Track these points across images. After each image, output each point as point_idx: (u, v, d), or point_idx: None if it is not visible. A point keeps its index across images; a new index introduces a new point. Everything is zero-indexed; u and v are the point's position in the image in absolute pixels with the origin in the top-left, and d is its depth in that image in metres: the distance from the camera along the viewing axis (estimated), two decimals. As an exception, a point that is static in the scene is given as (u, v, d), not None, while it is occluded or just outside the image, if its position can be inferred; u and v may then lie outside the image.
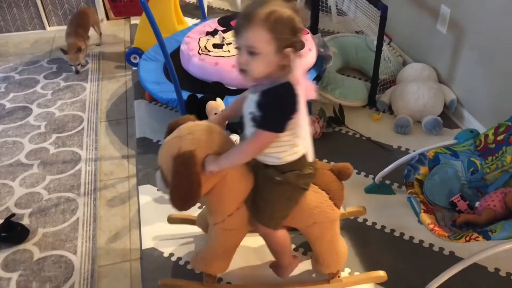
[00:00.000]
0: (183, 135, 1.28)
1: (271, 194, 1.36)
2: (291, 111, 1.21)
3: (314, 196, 1.42)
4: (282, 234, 1.48)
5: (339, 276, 1.60)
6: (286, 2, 1.18)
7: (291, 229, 1.51)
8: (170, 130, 1.36)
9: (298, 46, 1.18)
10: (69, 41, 3.09)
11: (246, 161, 1.32)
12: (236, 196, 1.38)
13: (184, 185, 1.23)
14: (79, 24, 3.19)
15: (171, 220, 1.85)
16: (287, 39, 1.15)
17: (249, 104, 1.27)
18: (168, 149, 1.28)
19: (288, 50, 1.16)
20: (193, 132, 1.28)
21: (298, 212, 1.42)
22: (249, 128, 1.30)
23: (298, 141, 1.29)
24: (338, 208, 1.47)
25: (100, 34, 3.47)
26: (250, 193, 1.39)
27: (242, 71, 1.19)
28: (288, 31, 1.14)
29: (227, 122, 1.65)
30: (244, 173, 1.37)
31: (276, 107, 1.20)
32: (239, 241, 1.52)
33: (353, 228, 1.85)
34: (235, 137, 2.02)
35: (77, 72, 3.07)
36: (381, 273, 1.61)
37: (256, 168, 1.37)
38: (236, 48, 1.19)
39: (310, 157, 1.32)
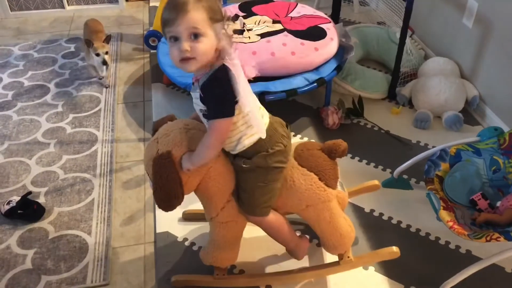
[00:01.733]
0: (159, 137, 1.31)
1: (246, 182, 1.36)
2: (233, 93, 1.20)
3: (303, 179, 1.41)
4: (273, 220, 1.47)
5: (349, 257, 1.58)
6: None
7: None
8: (155, 131, 1.39)
9: (227, 28, 1.19)
10: (93, 35, 2.74)
11: (215, 153, 1.29)
12: (223, 190, 1.38)
13: (165, 186, 1.25)
14: (97, 30, 2.81)
15: (186, 216, 1.86)
16: (220, 19, 1.17)
17: (196, 102, 1.27)
18: (148, 152, 1.33)
19: (223, 31, 1.18)
20: (168, 133, 1.30)
21: (288, 197, 1.42)
22: (206, 124, 1.30)
23: (251, 121, 1.28)
24: (333, 187, 1.45)
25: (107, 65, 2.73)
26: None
27: (185, 59, 1.16)
28: (218, 12, 1.17)
29: None
30: (228, 165, 1.37)
31: (219, 94, 1.20)
32: (240, 232, 1.52)
33: (369, 222, 1.83)
34: None
35: (104, 63, 2.63)
36: (394, 249, 1.59)
37: (230, 160, 1.38)
38: (172, 38, 1.15)
39: (262, 134, 1.29)
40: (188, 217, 1.86)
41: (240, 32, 2.43)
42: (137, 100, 2.63)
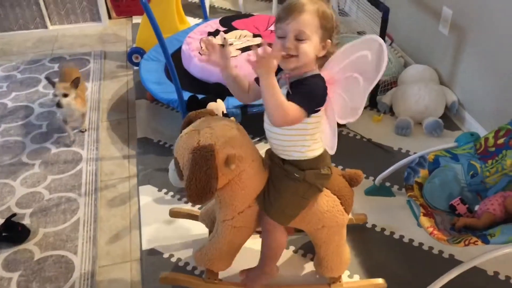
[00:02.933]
0: (202, 128, 1.29)
1: (287, 189, 1.37)
2: (322, 98, 1.25)
3: (326, 200, 1.42)
4: (283, 237, 1.48)
5: (340, 281, 1.60)
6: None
7: (297, 231, 1.51)
8: (189, 122, 1.36)
9: (334, 41, 1.26)
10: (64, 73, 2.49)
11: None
12: (249, 194, 1.37)
13: (202, 179, 1.23)
14: (71, 78, 2.39)
15: (173, 213, 1.85)
16: (328, 32, 1.23)
17: None
18: (186, 141, 1.28)
19: (329, 41, 1.24)
20: (212, 127, 1.29)
21: (308, 214, 1.42)
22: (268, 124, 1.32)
23: (319, 136, 1.33)
24: (348, 213, 1.48)
25: (83, 115, 2.51)
26: (262, 191, 1.39)
27: (287, 57, 1.21)
28: (330, 25, 1.23)
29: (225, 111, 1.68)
30: (260, 171, 1.37)
31: (311, 90, 1.23)
32: (245, 240, 1.52)
33: (353, 229, 1.85)
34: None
35: (58, 106, 2.26)
36: (380, 281, 1.61)
37: (273, 164, 1.39)
38: (279, 37, 1.22)
39: (332, 150, 1.34)
40: (175, 214, 1.85)
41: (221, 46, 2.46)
42: (121, 117, 2.64)
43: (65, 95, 2.28)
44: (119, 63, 3.22)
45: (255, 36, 2.57)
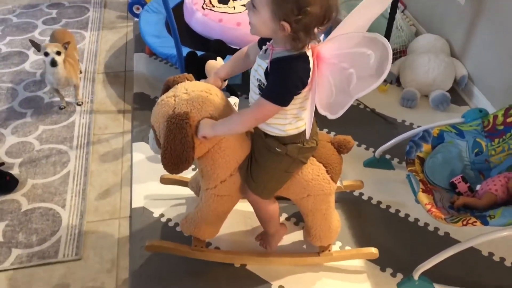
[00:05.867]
0: (178, 95, 1.22)
1: (268, 163, 1.31)
2: (300, 85, 1.13)
3: (311, 169, 1.37)
4: (271, 205, 1.45)
5: (329, 250, 1.57)
6: None
7: (283, 199, 1.47)
8: (167, 88, 1.30)
9: (299, 27, 1.04)
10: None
11: (244, 131, 1.28)
12: (231, 163, 1.32)
13: (176, 148, 1.18)
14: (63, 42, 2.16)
15: (164, 180, 1.81)
16: (285, 12, 1.03)
17: (257, 70, 1.19)
18: (162, 108, 1.23)
19: (284, 23, 1.04)
20: (189, 93, 1.22)
21: (293, 183, 1.37)
22: (254, 95, 1.23)
23: (303, 114, 1.23)
24: (335, 181, 1.42)
25: (77, 87, 2.28)
26: (245, 160, 1.34)
27: (250, 22, 1.12)
28: (291, 5, 1.02)
29: (226, 82, 1.58)
30: (241, 140, 1.31)
31: (284, 79, 1.12)
32: (231, 208, 1.48)
33: (348, 201, 1.81)
34: (233, 100, 1.95)
35: (53, 64, 2.06)
36: (373, 250, 1.58)
37: (256, 136, 1.31)
38: None
39: (308, 134, 1.23)
40: (166, 181, 1.81)
41: (225, 2, 2.35)
42: (119, 70, 2.55)
43: (59, 53, 2.08)
44: (120, 13, 3.09)
45: (262, -7, 2.45)
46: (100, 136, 2.12)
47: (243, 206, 1.54)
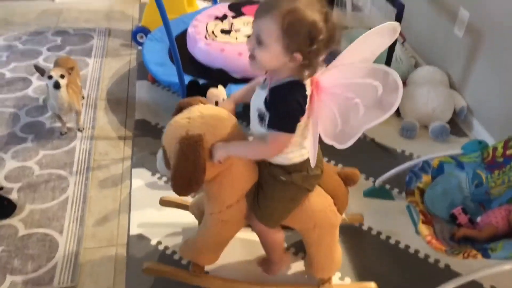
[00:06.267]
0: (193, 117, 1.22)
1: (274, 192, 1.30)
2: (299, 111, 1.13)
3: (319, 199, 1.36)
4: (275, 234, 1.44)
5: (330, 283, 1.55)
6: (322, 5, 1.06)
7: (287, 228, 1.45)
8: (179, 110, 1.29)
9: (312, 55, 1.06)
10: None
11: (255, 159, 1.28)
12: (238, 188, 1.31)
13: (188, 169, 1.17)
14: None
15: (164, 202, 1.79)
16: (298, 44, 1.04)
17: (257, 100, 1.20)
18: (175, 129, 1.22)
19: (297, 55, 1.06)
20: (204, 116, 1.22)
21: (300, 213, 1.35)
22: (254, 123, 1.23)
23: (306, 142, 1.23)
24: (341, 213, 1.41)
25: (79, 113, 2.28)
26: (252, 188, 1.33)
27: (251, 57, 1.12)
28: (303, 36, 1.03)
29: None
30: (250, 167, 1.31)
31: (285, 105, 1.12)
32: (233, 235, 1.46)
33: (348, 231, 1.79)
34: None
35: (56, 86, 2.06)
36: (372, 285, 1.55)
37: (262, 165, 1.31)
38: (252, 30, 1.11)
39: (313, 162, 1.23)
40: (165, 204, 1.79)
41: (227, 32, 2.39)
42: (121, 97, 2.57)
43: (62, 76, 2.09)
44: (124, 41, 3.15)
45: (263, 23, 2.49)
46: (100, 162, 2.12)
47: (244, 234, 1.53)
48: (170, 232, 1.77)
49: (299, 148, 1.24)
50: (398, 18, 2.21)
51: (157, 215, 1.82)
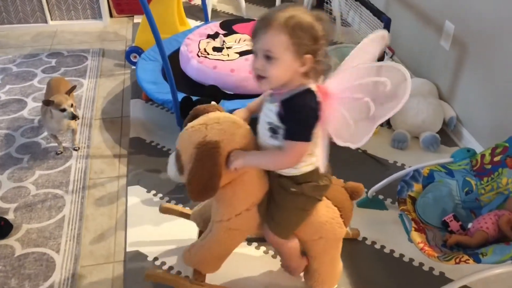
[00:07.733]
0: (210, 123, 1.23)
1: (286, 203, 1.32)
2: (315, 118, 1.16)
3: (326, 211, 1.38)
4: (291, 244, 1.45)
5: None
6: (307, 9, 1.14)
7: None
8: (195, 116, 1.30)
9: (320, 54, 1.13)
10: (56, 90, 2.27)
11: (274, 169, 1.29)
12: (250, 196, 1.32)
13: (204, 175, 1.18)
14: (60, 91, 2.23)
15: (164, 209, 1.79)
16: (306, 45, 1.11)
17: (267, 114, 1.22)
18: (192, 135, 1.22)
19: (308, 56, 1.12)
20: (221, 123, 1.23)
21: (307, 224, 1.37)
22: (264, 136, 1.25)
23: (316, 150, 1.25)
24: (346, 226, 1.44)
25: (75, 132, 2.31)
26: (264, 198, 1.34)
27: (259, 77, 1.15)
28: (308, 37, 1.10)
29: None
30: (262, 176, 1.32)
31: (302, 114, 1.15)
32: (238, 244, 1.47)
33: (344, 241, 1.79)
34: None
35: (73, 117, 2.13)
36: None
37: (272, 176, 1.33)
38: (253, 53, 1.15)
39: (323, 168, 1.27)
40: (165, 211, 1.79)
41: (219, 49, 2.44)
42: (115, 116, 2.60)
43: (72, 105, 2.14)
44: (117, 61, 3.18)
45: (254, 41, 2.54)
46: (95, 181, 2.14)
47: (248, 251, 1.55)
48: (167, 248, 1.78)
49: (309, 157, 1.25)
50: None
51: (153, 232, 1.84)
